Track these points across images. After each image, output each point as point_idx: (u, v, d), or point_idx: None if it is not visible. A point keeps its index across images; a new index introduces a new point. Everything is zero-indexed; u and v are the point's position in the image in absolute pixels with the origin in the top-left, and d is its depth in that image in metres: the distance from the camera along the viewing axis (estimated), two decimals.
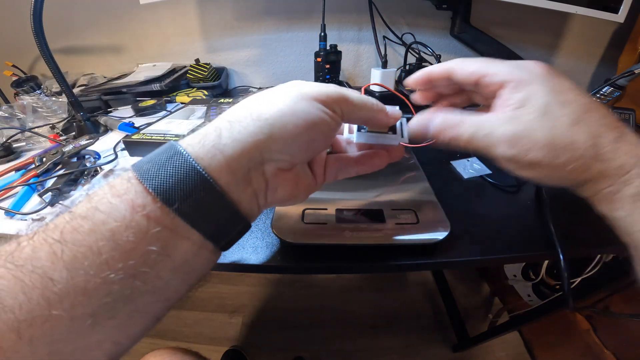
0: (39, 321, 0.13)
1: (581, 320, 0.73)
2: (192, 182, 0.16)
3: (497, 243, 0.30)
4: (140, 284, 0.15)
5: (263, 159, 0.18)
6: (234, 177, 0.17)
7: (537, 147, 0.19)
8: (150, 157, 0.17)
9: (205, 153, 0.16)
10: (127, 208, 0.15)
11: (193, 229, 0.16)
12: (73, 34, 0.81)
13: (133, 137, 0.44)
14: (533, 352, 0.87)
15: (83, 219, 0.14)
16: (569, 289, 0.28)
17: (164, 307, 0.17)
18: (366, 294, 1.05)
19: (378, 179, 0.36)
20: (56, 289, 0.13)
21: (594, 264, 0.51)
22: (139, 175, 0.16)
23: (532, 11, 0.63)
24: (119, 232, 0.14)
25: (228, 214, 0.17)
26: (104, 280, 0.14)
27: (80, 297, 0.14)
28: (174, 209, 0.15)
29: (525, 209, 0.34)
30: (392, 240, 0.27)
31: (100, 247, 0.14)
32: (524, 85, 0.20)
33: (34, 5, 0.43)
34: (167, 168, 0.16)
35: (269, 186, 0.19)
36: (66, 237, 0.14)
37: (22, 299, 0.13)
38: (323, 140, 0.21)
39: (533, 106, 0.20)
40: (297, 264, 0.28)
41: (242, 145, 0.17)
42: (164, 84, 0.70)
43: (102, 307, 0.14)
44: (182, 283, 0.17)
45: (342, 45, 0.75)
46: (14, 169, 0.45)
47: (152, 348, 0.42)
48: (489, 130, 0.20)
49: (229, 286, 1.08)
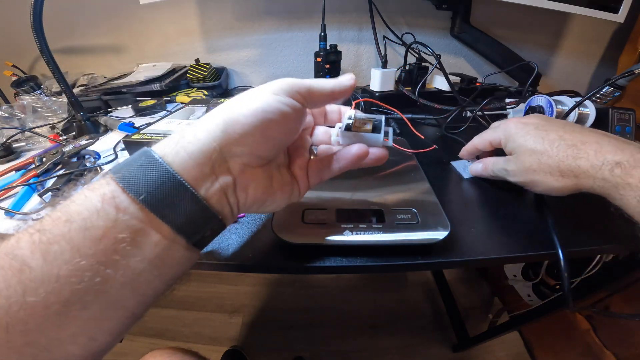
0: (14, 307, 0.13)
1: (581, 320, 0.73)
2: (158, 176, 0.17)
3: (497, 243, 0.30)
4: (111, 272, 0.15)
5: (224, 154, 0.19)
6: (200, 173, 0.18)
7: (526, 172, 0.30)
8: (125, 160, 0.18)
9: (170, 151, 0.18)
10: (99, 199, 0.16)
11: (162, 221, 0.17)
12: (73, 34, 0.81)
13: (133, 137, 0.44)
14: (533, 352, 0.87)
15: (61, 212, 0.16)
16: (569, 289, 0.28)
17: (140, 303, 0.17)
18: (366, 294, 1.05)
19: (378, 179, 0.36)
20: (32, 276, 0.14)
21: (594, 264, 0.51)
22: (113, 173, 0.17)
23: (532, 11, 0.63)
24: (90, 220, 0.15)
25: (196, 208, 0.18)
26: (76, 266, 0.15)
27: (53, 284, 0.14)
28: (141, 200, 0.16)
29: (525, 209, 0.34)
30: (392, 240, 0.27)
31: (72, 235, 0.15)
32: (508, 140, 0.32)
33: (34, 5, 0.43)
34: (137, 166, 0.17)
35: (238, 183, 0.20)
36: (45, 226, 0.15)
37: (1, 285, 0.14)
38: (281, 129, 0.21)
39: (516, 151, 0.32)
40: (297, 264, 0.28)
41: (201, 143, 0.18)
42: (164, 84, 0.70)
43: (74, 295, 0.15)
44: (156, 278, 0.18)
45: (342, 45, 0.75)
46: (14, 169, 0.45)
47: (152, 348, 0.42)
48: (503, 166, 0.33)
49: (229, 286, 1.08)
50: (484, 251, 0.29)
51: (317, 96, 0.22)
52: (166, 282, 0.18)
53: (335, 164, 0.25)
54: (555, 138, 0.28)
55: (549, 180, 0.28)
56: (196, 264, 0.21)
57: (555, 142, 0.28)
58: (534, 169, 0.29)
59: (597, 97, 0.56)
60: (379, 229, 0.28)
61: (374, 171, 0.38)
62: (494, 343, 0.85)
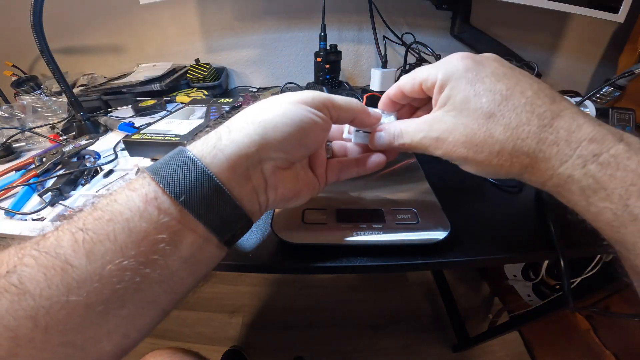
0: (56, 307, 0.13)
1: (581, 320, 0.73)
2: (196, 178, 0.17)
3: (497, 243, 0.30)
4: (149, 271, 0.16)
5: (260, 158, 0.19)
6: (234, 175, 0.19)
7: (460, 145, 0.20)
8: (162, 159, 0.19)
9: (208, 153, 0.18)
10: (141, 199, 0.16)
11: (198, 221, 0.17)
12: (73, 34, 0.81)
13: (133, 137, 0.44)
14: (533, 352, 0.87)
15: (103, 211, 0.16)
16: (569, 289, 0.28)
17: (171, 300, 0.18)
18: (366, 294, 1.05)
19: (378, 179, 0.36)
20: (75, 275, 0.14)
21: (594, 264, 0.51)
22: (152, 173, 0.17)
23: (532, 11, 0.63)
24: (133, 221, 0.16)
25: (230, 209, 0.19)
26: (118, 266, 0.15)
27: (95, 284, 0.14)
28: (180, 201, 0.17)
29: (525, 209, 0.34)
30: (392, 240, 0.27)
31: (116, 235, 0.15)
32: (446, 83, 0.21)
33: (34, 5, 0.43)
34: (176, 167, 0.18)
35: (268, 184, 0.21)
36: (88, 225, 0.15)
37: (43, 285, 0.13)
38: (313, 138, 0.22)
39: (452, 104, 0.21)
40: (297, 264, 0.28)
41: (239, 146, 0.19)
42: (164, 84, 0.70)
43: (114, 294, 0.15)
44: (188, 275, 0.18)
45: (342, 45, 0.75)
46: (14, 169, 0.45)
47: (152, 348, 0.42)
48: (422, 134, 0.22)
49: (229, 286, 1.08)
50: (484, 251, 0.29)
51: (342, 119, 0.24)
52: (197, 279, 0.19)
53: (354, 168, 0.26)
54: (520, 99, 0.19)
55: (490, 161, 0.19)
56: None
57: (520, 106, 0.19)
58: (476, 143, 0.19)
59: (597, 97, 0.56)
60: (379, 229, 0.28)
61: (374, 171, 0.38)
62: (494, 343, 0.85)
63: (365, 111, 0.25)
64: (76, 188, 0.40)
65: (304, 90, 0.23)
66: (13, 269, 0.14)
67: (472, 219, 0.32)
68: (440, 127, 0.21)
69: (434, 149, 0.22)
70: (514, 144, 0.19)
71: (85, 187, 0.40)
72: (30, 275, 0.13)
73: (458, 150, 0.20)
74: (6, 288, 0.13)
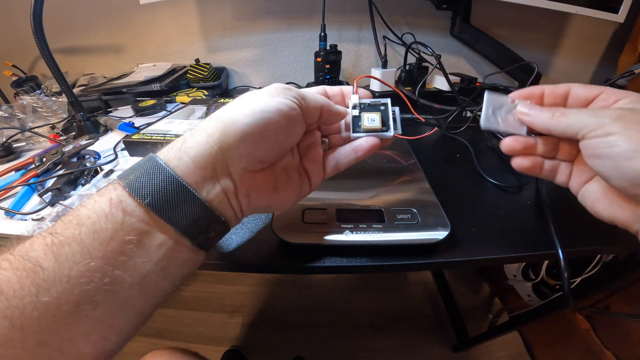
0: (29, 308, 0.14)
1: (581, 320, 0.73)
2: (161, 180, 0.18)
3: (497, 243, 0.30)
4: (120, 273, 0.16)
5: (225, 157, 0.19)
6: (202, 176, 0.19)
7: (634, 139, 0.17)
8: (132, 166, 0.19)
9: (173, 156, 0.18)
10: (107, 203, 0.17)
11: (166, 223, 0.17)
12: (73, 34, 0.81)
13: (133, 137, 0.44)
14: (533, 352, 0.87)
15: (73, 216, 0.16)
16: (569, 289, 0.28)
17: (148, 303, 0.18)
18: (366, 294, 1.05)
19: (378, 179, 0.36)
20: (44, 276, 0.14)
21: (594, 264, 0.51)
22: (120, 179, 0.18)
23: (532, 11, 0.63)
24: (99, 223, 0.16)
25: (199, 210, 0.18)
26: (86, 267, 0.15)
27: (65, 285, 0.15)
28: (146, 203, 0.17)
29: (525, 209, 0.34)
30: (392, 240, 0.27)
31: (83, 237, 0.16)
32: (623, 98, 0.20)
33: (34, 5, 0.43)
34: (142, 172, 0.18)
35: (238, 189, 0.20)
36: (57, 229, 0.16)
37: (16, 286, 0.14)
38: (281, 132, 0.21)
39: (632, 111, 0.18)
40: (297, 264, 0.28)
41: (202, 145, 0.19)
42: (164, 84, 0.70)
43: (84, 295, 0.15)
44: (162, 279, 0.18)
45: (342, 45, 0.75)
46: (14, 169, 0.45)
47: (152, 348, 0.42)
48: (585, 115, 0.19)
49: (229, 286, 1.08)
50: (484, 251, 0.29)
51: (311, 105, 0.23)
52: (172, 282, 0.19)
53: (352, 156, 0.25)
54: None
55: None
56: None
57: None
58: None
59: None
60: (379, 229, 0.28)
61: (374, 171, 0.38)
62: (494, 343, 0.85)
63: (330, 105, 0.24)
64: (76, 188, 0.40)
65: (275, 83, 0.22)
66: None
67: (472, 219, 0.32)
68: (611, 114, 0.18)
69: (596, 130, 0.18)
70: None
71: (85, 187, 0.40)
72: (5, 277, 0.14)
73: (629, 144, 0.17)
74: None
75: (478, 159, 0.44)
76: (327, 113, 0.24)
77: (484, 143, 0.50)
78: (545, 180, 0.25)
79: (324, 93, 0.26)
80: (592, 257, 0.50)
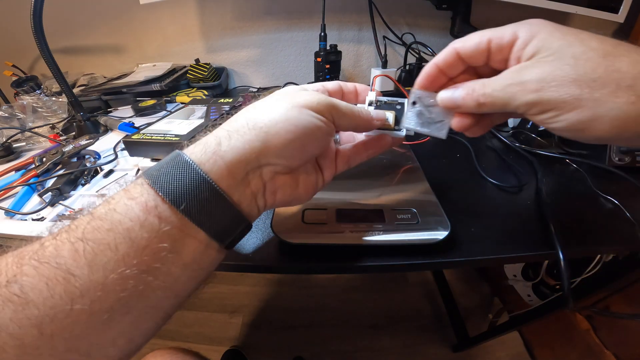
0: (60, 316, 0.14)
1: (581, 320, 0.73)
2: (196, 186, 0.17)
3: (497, 243, 0.30)
4: (152, 279, 0.16)
5: (260, 164, 0.19)
6: (234, 181, 0.19)
7: (567, 84, 0.16)
8: (158, 165, 0.18)
9: (207, 159, 0.18)
10: (141, 209, 0.16)
11: (199, 228, 0.17)
12: (73, 34, 0.81)
13: (133, 137, 0.44)
14: (533, 352, 0.87)
15: (102, 220, 0.16)
16: (569, 289, 0.28)
17: (174, 304, 0.18)
18: (366, 294, 1.05)
19: (378, 179, 0.36)
20: (77, 284, 0.14)
21: (594, 264, 0.51)
22: (150, 181, 0.17)
23: (532, 11, 0.63)
24: (134, 231, 0.16)
25: (230, 214, 0.19)
26: (121, 275, 0.15)
27: (99, 292, 0.14)
28: (181, 210, 0.17)
29: (525, 209, 0.34)
30: (392, 240, 0.27)
31: (117, 245, 0.15)
32: (533, 37, 0.18)
33: (34, 5, 0.43)
34: (174, 174, 0.17)
35: (267, 188, 0.21)
36: (87, 235, 0.15)
37: (46, 294, 0.14)
38: (315, 145, 0.21)
39: (549, 50, 0.18)
40: (297, 264, 0.28)
41: (239, 152, 0.18)
42: (164, 84, 0.70)
43: (118, 302, 0.15)
44: (190, 280, 0.18)
45: (342, 45, 0.75)
46: (14, 169, 0.45)
47: (152, 348, 0.42)
48: (508, 82, 0.19)
49: (229, 286, 1.08)
50: (484, 251, 0.29)
51: (344, 126, 0.23)
52: (198, 282, 0.19)
53: (364, 153, 0.26)
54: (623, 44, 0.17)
55: (618, 98, 0.16)
56: None
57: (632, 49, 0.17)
58: (594, 78, 0.16)
59: None
60: (379, 229, 0.28)
61: (374, 171, 0.38)
62: (494, 343, 0.85)
63: (370, 120, 0.24)
64: (76, 188, 0.40)
65: (307, 91, 0.22)
66: (13, 278, 0.14)
67: (472, 219, 0.32)
68: (534, 72, 0.18)
69: (524, 93, 0.18)
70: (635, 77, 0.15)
71: (85, 187, 0.40)
72: (31, 284, 0.14)
73: (564, 90, 0.16)
74: (8, 298, 0.13)
75: (478, 159, 0.43)
76: (358, 129, 0.24)
77: (484, 143, 0.50)
78: (545, 180, 0.25)
79: (338, 89, 0.26)
80: (592, 257, 0.50)
